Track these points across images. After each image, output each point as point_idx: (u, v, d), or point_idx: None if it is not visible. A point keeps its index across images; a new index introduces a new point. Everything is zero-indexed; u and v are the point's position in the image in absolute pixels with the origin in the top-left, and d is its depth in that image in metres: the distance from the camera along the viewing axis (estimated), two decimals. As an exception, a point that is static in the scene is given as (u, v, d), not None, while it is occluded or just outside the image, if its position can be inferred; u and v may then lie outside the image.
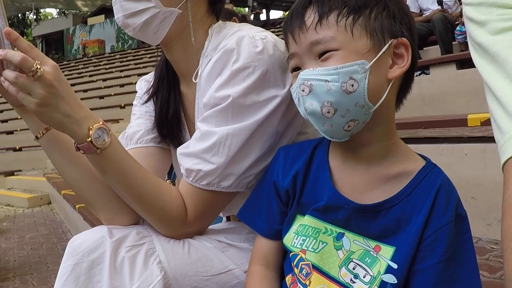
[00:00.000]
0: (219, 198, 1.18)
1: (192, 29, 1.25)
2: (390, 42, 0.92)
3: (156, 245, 1.14)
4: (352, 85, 0.87)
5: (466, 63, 4.88)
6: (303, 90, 0.91)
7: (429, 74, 5.56)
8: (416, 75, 5.95)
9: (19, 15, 37.80)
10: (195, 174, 1.14)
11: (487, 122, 2.58)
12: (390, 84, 0.93)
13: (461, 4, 6.31)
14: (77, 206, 4.16)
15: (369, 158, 0.97)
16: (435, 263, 0.89)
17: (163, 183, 1.18)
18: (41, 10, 40.11)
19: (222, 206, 1.22)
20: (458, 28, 6.15)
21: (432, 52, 6.75)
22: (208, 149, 1.12)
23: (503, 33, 0.67)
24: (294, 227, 1.04)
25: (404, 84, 1.00)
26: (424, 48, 6.89)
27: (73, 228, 4.84)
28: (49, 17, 43.02)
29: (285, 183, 1.06)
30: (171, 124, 1.36)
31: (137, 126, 1.40)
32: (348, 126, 0.91)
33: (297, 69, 0.96)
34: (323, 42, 0.90)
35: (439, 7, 6.46)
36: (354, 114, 0.89)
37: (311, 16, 0.93)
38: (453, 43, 6.31)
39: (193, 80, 1.24)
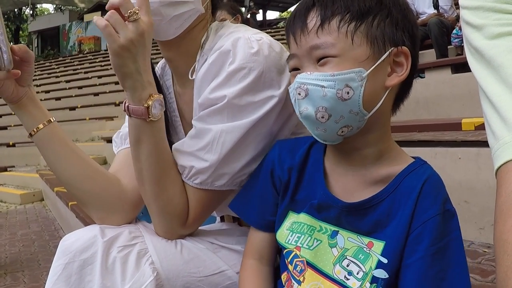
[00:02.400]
0: (215, 197, 1.18)
1: (211, 29, 1.25)
2: (390, 50, 0.92)
3: (148, 245, 1.13)
4: (348, 93, 0.88)
5: (461, 67, 4.90)
6: (299, 94, 0.91)
7: (424, 77, 5.58)
8: (411, 79, 5.90)
9: (16, 10, 37.63)
10: (188, 171, 1.14)
11: (481, 127, 2.59)
12: (387, 91, 0.93)
13: (457, 8, 6.34)
14: (69, 204, 4.15)
15: (362, 161, 0.98)
16: (420, 257, 0.88)
17: (181, 177, 1.17)
18: (38, 6, 39.94)
19: (217, 204, 1.22)
20: (454, 31, 6.16)
21: (428, 55, 6.77)
22: (202, 146, 1.12)
23: (500, 38, 0.67)
24: (287, 223, 1.05)
25: (402, 91, 1.00)
26: (420, 52, 6.85)
27: (66, 226, 4.83)
28: (45, 13, 42.86)
29: (281, 173, 1.07)
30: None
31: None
32: (342, 131, 0.92)
33: (296, 69, 0.96)
34: (322, 47, 0.90)
35: (435, 11, 6.47)
36: (348, 120, 0.90)
37: (313, 19, 0.93)
38: (449, 47, 6.33)
39: (190, 77, 1.23)
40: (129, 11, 1.00)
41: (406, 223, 0.90)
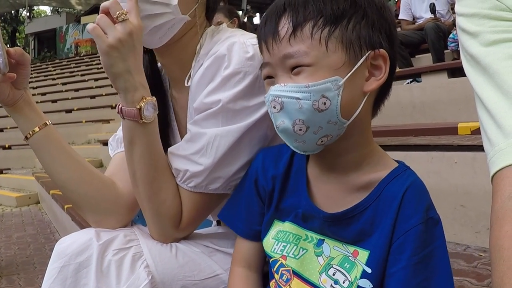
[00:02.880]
0: (209, 201, 1.18)
1: (200, 36, 1.25)
2: (367, 54, 0.88)
3: (143, 248, 1.13)
4: (324, 103, 0.85)
5: (457, 71, 4.91)
6: (274, 107, 0.88)
7: (421, 81, 5.59)
8: (408, 83, 5.97)
9: (12, 11, 37.62)
10: (182, 174, 1.15)
11: (477, 131, 2.60)
12: (366, 97, 0.90)
13: (454, 13, 6.35)
14: (65, 207, 4.14)
15: (344, 168, 0.96)
16: (402, 267, 0.86)
17: (175, 180, 1.17)
18: (35, 8, 39.96)
19: (212, 208, 1.22)
20: (451, 35, 6.17)
21: (424, 60, 6.78)
22: (196, 150, 1.13)
23: (495, 45, 0.68)
24: (272, 232, 1.04)
25: (382, 93, 0.97)
26: (416, 56, 6.92)
27: (61, 229, 4.81)
28: (42, 15, 42.89)
29: (264, 182, 1.06)
30: (160, 128, 1.35)
31: None
32: (321, 141, 0.89)
33: (270, 77, 0.93)
34: (296, 56, 0.87)
35: (432, 16, 6.48)
36: (327, 130, 0.87)
37: (285, 26, 0.89)
38: (445, 51, 6.34)
39: (186, 84, 1.24)
40: (117, 13, 1.01)
41: (389, 232, 0.88)
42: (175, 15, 1.16)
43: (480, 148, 2.52)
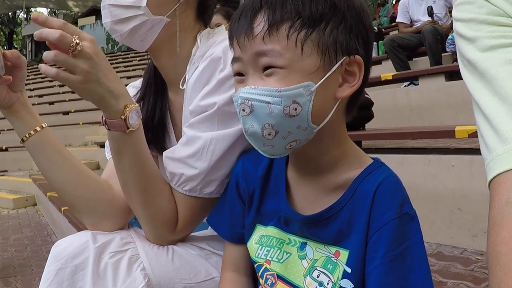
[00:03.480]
0: (204, 205, 1.18)
1: (178, 38, 1.24)
2: (342, 60, 0.85)
3: (140, 251, 1.13)
4: (295, 109, 0.82)
5: (455, 74, 4.93)
6: (244, 110, 0.84)
7: (418, 84, 5.60)
8: (405, 86, 6.00)
9: (9, 13, 37.62)
10: (178, 178, 1.15)
11: (474, 134, 2.60)
12: (337, 103, 0.88)
13: (451, 16, 6.36)
14: (62, 209, 4.13)
15: (319, 169, 0.94)
16: (378, 265, 0.84)
17: (168, 184, 1.18)
18: (32, 9, 39.90)
19: (206, 211, 1.21)
20: (450, 36, 6.18)
21: (422, 63, 6.80)
22: (192, 154, 1.13)
23: (493, 50, 0.68)
24: (255, 237, 1.03)
25: (354, 97, 0.93)
26: (414, 59, 6.94)
27: (58, 231, 4.81)
28: (39, 17, 42.76)
29: (245, 186, 1.06)
30: (156, 130, 1.35)
31: None
32: (290, 146, 0.87)
33: (240, 74, 0.89)
34: (269, 55, 0.83)
35: (430, 19, 6.49)
36: (296, 135, 0.85)
37: (260, 24, 0.84)
38: (443, 54, 6.36)
39: (181, 87, 1.24)
40: (71, 46, 0.95)
41: (364, 230, 0.87)
42: (148, 16, 1.18)
43: (477, 151, 2.53)
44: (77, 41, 0.96)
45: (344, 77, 0.87)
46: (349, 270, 0.88)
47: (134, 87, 1.46)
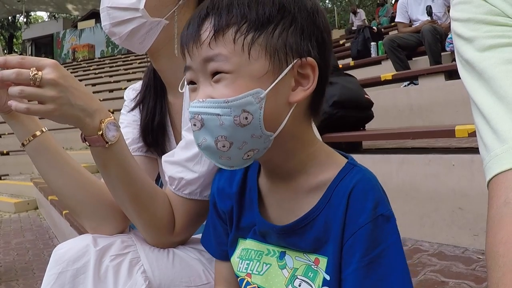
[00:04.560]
0: (203, 207, 1.17)
1: (176, 40, 1.25)
2: (293, 63, 0.82)
3: (140, 254, 1.13)
4: (246, 118, 0.79)
5: (454, 74, 4.92)
6: (195, 125, 0.82)
7: (418, 84, 5.61)
8: (405, 85, 6.00)
9: (9, 17, 37.65)
10: (178, 182, 1.15)
11: (474, 133, 2.58)
12: (292, 107, 0.84)
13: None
14: (63, 212, 4.14)
15: (289, 174, 0.92)
16: (354, 269, 0.82)
17: (159, 189, 1.17)
18: (32, 13, 39.98)
19: (206, 213, 1.21)
20: (449, 36, 6.18)
21: (421, 62, 6.81)
22: (191, 158, 1.13)
23: (491, 50, 0.68)
24: (237, 251, 1.02)
25: (315, 99, 0.90)
26: (413, 59, 6.95)
27: (60, 234, 4.81)
28: (39, 21, 42.90)
29: (222, 205, 1.04)
30: (156, 133, 1.36)
31: (124, 135, 1.38)
32: (248, 156, 0.84)
33: (193, 83, 0.87)
34: (216, 60, 0.81)
35: (429, 18, 6.50)
36: (252, 144, 0.82)
37: (207, 30, 0.83)
38: (442, 53, 6.36)
39: (180, 90, 1.24)
40: (29, 79, 0.94)
41: (339, 236, 0.84)
42: (146, 18, 1.19)
43: (477, 150, 2.52)
44: (35, 72, 0.94)
45: (297, 80, 0.84)
46: (328, 277, 0.86)
47: (134, 89, 1.46)
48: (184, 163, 1.14)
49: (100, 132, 1.03)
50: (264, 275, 0.95)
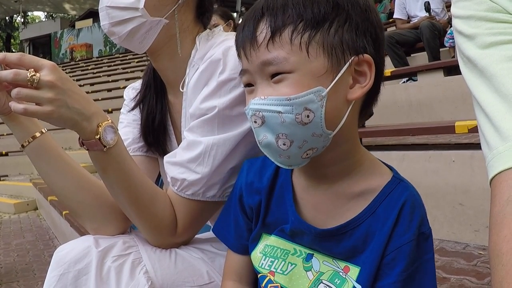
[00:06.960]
0: (206, 208, 1.17)
1: (179, 39, 1.24)
2: (350, 60, 0.83)
3: (142, 254, 1.13)
4: (308, 116, 0.80)
5: (453, 70, 4.92)
6: (255, 122, 0.83)
7: (417, 80, 5.60)
8: (404, 82, 5.98)
9: (7, 18, 37.59)
10: (180, 183, 1.14)
11: (474, 129, 2.61)
12: (351, 105, 0.85)
13: (449, 11, 6.36)
14: (63, 213, 4.14)
15: (332, 177, 0.91)
16: (392, 282, 0.83)
17: (159, 190, 1.17)
18: (29, 13, 39.93)
19: (209, 215, 1.21)
20: (448, 32, 6.17)
21: (420, 58, 6.80)
22: (193, 158, 1.12)
23: (492, 47, 0.67)
24: (260, 246, 1.02)
25: (369, 98, 0.91)
26: (412, 55, 6.94)
27: (60, 235, 4.81)
28: (36, 20, 42.88)
29: (249, 199, 1.03)
30: (157, 133, 1.35)
31: (124, 135, 1.39)
32: (307, 154, 0.85)
33: (250, 85, 0.88)
34: (275, 63, 0.81)
35: (427, 14, 6.48)
36: (312, 143, 0.83)
37: (263, 32, 0.83)
38: (441, 49, 6.35)
39: (180, 89, 1.24)
40: (27, 80, 0.93)
41: (381, 249, 0.85)
42: (145, 18, 1.18)
43: (477, 146, 2.53)
44: (33, 73, 0.94)
45: (354, 78, 0.85)
46: (359, 287, 0.87)
47: (134, 88, 1.46)
48: (186, 164, 1.13)
49: (98, 136, 1.03)
50: (288, 275, 0.95)
